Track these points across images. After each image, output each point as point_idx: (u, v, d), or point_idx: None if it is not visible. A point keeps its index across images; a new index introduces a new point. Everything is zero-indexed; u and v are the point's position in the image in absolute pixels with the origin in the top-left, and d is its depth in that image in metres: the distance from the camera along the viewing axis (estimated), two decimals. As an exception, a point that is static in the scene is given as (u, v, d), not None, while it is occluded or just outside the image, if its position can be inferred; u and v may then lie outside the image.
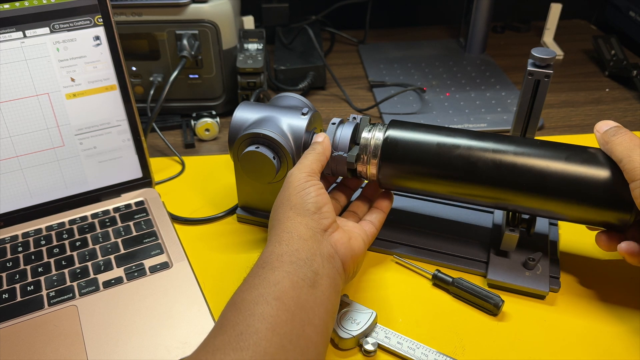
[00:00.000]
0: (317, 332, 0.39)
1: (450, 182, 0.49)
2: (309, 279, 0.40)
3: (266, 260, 0.42)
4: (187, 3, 0.74)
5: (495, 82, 0.90)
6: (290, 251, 0.42)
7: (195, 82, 0.80)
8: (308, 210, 0.45)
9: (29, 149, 0.58)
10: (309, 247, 0.42)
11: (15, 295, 0.51)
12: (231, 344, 0.35)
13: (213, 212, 0.63)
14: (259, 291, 0.39)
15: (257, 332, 0.36)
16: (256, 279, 0.40)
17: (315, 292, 0.40)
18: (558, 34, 1.03)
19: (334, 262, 0.44)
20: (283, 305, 0.38)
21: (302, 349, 0.37)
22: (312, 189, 0.46)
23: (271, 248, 0.43)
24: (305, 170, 0.47)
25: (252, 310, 0.37)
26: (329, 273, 0.42)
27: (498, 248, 0.53)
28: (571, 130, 0.79)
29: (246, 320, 0.37)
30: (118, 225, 0.59)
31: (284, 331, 0.37)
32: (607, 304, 0.50)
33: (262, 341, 0.35)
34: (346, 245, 0.45)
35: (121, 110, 0.61)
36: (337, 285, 0.43)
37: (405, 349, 0.45)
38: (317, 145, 0.50)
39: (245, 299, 0.39)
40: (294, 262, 0.41)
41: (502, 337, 0.47)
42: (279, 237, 0.43)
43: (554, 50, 0.61)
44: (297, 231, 0.43)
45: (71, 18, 0.57)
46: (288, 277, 0.40)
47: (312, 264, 0.41)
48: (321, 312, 0.40)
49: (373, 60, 1.00)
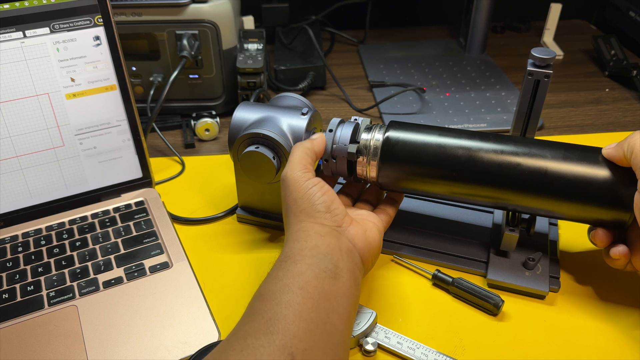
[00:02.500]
0: (341, 320, 0.40)
1: (450, 182, 0.49)
2: (330, 271, 0.41)
3: (287, 254, 0.43)
4: (187, 3, 0.74)
5: (495, 82, 0.90)
6: (310, 246, 0.43)
7: (195, 82, 0.80)
8: (319, 212, 0.45)
9: (29, 149, 0.58)
10: (327, 242, 0.43)
11: (15, 295, 0.51)
12: (261, 329, 0.36)
13: (213, 212, 0.63)
14: (283, 282, 0.40)
15: (284, 317, 0.37)
16: (280, 271, 0.41)
17: (337, 283, 0.41)
18: (558, 34, 1.03)
19: (352, 256, 0.44)
20: (307, 293, 0.39)
21: (329, 334, 0.38)
22: (316, 188, 0.46)
23: (291, 244, 0.44)
24: (298, 168, 0.47)
25: (279, 299, 0.38)
26: (349, 266, 0.43)
27: (498, 248, 0.53)
28: (571, 130, 0.79)
29: (273, 308, 0.38)
30: (118, 225, 0.59)
31: (310, 317, 0.38)
32: (607, 304, 0.50)
33: (290, 326, 0.36)
34: (362, 238, 0.46)
35: (121, 110, 0.61)
36: (357, 278, 0.44)
37: (405, 349, 0.45)
38: (305, 141, 0.50)
39: (271, 289, 0.40)
40: (315, 255, 0.42)
41: (502, 337, 0.47)
42: (297, 235, 0.44)
43: (554, 50, 0.61)
44: (313, 229, 0.44)
45: (71, 18, 0.57)
46: (310, 269, 0.40)
47: (332, 257, 0.42)
48: (344, 302, 0.41)
49: (373, 60, 1.00)
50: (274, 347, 0.35)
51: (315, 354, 0.36)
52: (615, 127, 0.79)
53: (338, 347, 0.39)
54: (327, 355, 0.37)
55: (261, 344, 0.35)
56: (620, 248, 0.46)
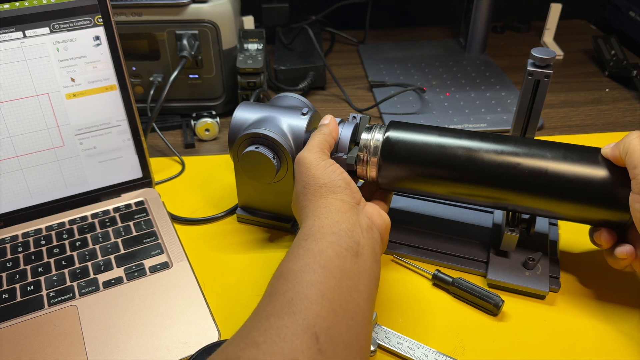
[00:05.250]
0: (364, 298, 0.39)
1: (450, 182, 0.49)
2: (352, 248, 0.41)
3: (307, 232, 0.42)
4: (187, 3, 0.74)
5: (495, 82, 0.90)
6: (331, 223, 0.42)
7: (195, 82, 0.80)
8: (339, 187, 0.45)
9: (29, 149, 0.58)
10: (347, 218, 0.43)
11: (15, 295, 0.51)
12: (284, 309, 0.36)
13: (213, 212, 0.63)
14: (304, 261, 0.39)
15: (307, 297, 0.36)
16: (300, 250, 0.41)
17: (358, 260, 0.41)
18: (558, 34, 1.03)
19: (372, 232, 0.44)
20: (329, 272, 0.38)
21: (351, 313, 0.38)
22: (334, 167, 0.46)
23: (311, 222, 0.43)
24: (316, 151, 0.48)
25: (300, 279, 0.38)
26: (370, 243, 0.43)
27: (498, 248, 0.53)
28: (571, 130, 0.79)
29: (295, 288, 0.37)
30: (118, 225, 0.59)
31: (333, 297, 0.37)
32: (607, 304, 0.50)
33: (313, 305, 0.36)
34: (379, 216, 0.46)
35: (121, 110, 0.61)
36: (377, 254, 0.44)
37: (405, 349, 0.45)
38: (323, 127, 0.51)
39: (292, 268, 0.39)
40: (336, 232, 0.41)
41: (502, 337, 0.47)
42: (317, 211, 0.44)
43: (554, 50, 0.61)
44: (335, 205, 0.44)
45: (71, 18, 0.57)
46: (331, 247, 0.40)
47: (352, 234, 0.42)
48: (365, 280, 0.40)
49: (373, 60, 1.00)
50: (297, 327, 0.35)
51: (339, 333, 0.36)
52: (615, 127, 0.79)
53: (361, 325, 0.38)
54: (350, 334, 0.37)
55: (284, 324, 0.35)
56: (626, 248, 0.46)
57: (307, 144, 0.49)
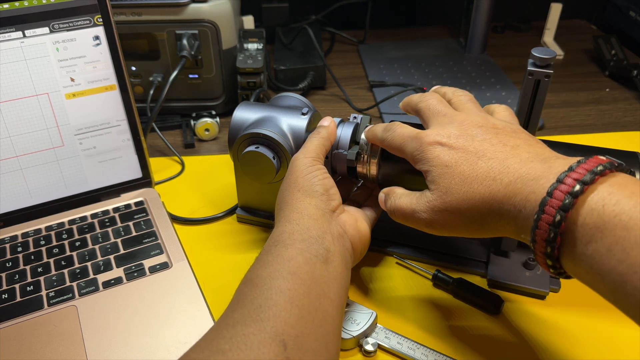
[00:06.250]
0: (333, 305, 0.39)
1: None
2: (321, 255, 0.41)
3: (277, 238, 0.42)
4: (187, 3, 0.74)
5: (495, 82, 0.90)
6: (301, 229, 0.42)
7: (195, 82, 0.80)
8: (316, 192, 0.45)
9: (28, 149, 0.58)
10: (319, 225, 0.43)
11: (15, 296, 0.51)
12: (251, 316, 0.36)
13: (213, 212, 0.63)
14: (273, 267, 0.39)
15: (275, 304, 0.36)
16: (269, 256, 0.40)
17: (328, 267, 0.41)
18: (558, 34, 1.03)
19: (343, 240, 0.44)
20: (299, 279, 0.38)
21: (320, 320, 0.37)
22: (318, 172, 0.46)
23: (282, 227, 0.43)
24: (310, 155, 0.48)
25: (269, 285, 0.38)
26: (340, 250, 0.43)
27: (498, 248, 0.53)
28: (571, 130, 0.79)
29: (264, 294, 0.37)
30: (118, 226, 0.59)
31: (302, 303, 0.37)
32: (607, 304, 0.50)
33: (282, 312, 0.36)
34: (353, 226, 0.46)
35: (121, 110, 0.61)
36: (347, 262, 0.44)
37: (405, 349, 0.45)
38: (322, 129, 0.51)
39: (261, 275, 0.39)
40: (306, 239, 0.41)
41: (502, 337, 0.47)
42: (289, 217, 0.44)
43: (554, 50, 0.61)
44: (307, 211, 0.44)
45: (71, 18, 0.57)
46: (301, 254, 0.40)
47: (323, 241, 0.42)
48: (335, 287, 0.40)
49: (373, 60, 1.00)
50: (264, 335, 0.34)
51: (308, 341, 0.36)
52: (615, 127, 0.79)
53: (330, 333, 0.38)
54: (319, 341, 0.36)
55: (251, 332, 0.34)
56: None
57: (304, 146, 0.49)
